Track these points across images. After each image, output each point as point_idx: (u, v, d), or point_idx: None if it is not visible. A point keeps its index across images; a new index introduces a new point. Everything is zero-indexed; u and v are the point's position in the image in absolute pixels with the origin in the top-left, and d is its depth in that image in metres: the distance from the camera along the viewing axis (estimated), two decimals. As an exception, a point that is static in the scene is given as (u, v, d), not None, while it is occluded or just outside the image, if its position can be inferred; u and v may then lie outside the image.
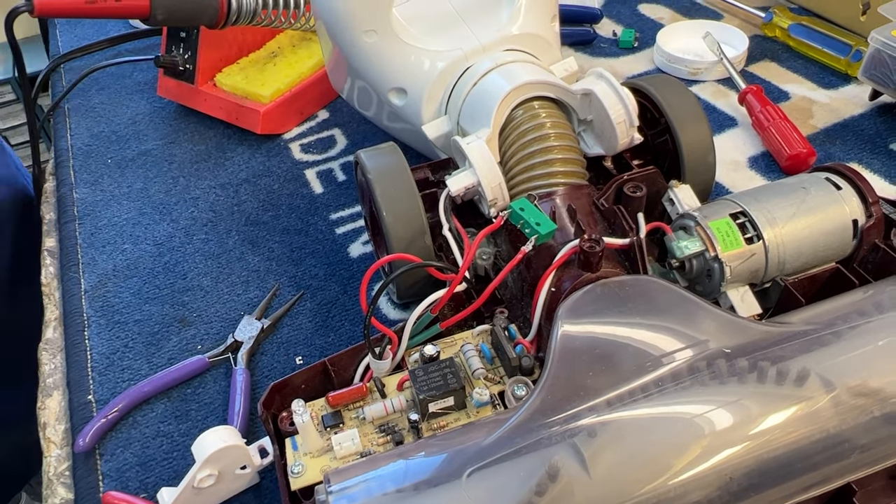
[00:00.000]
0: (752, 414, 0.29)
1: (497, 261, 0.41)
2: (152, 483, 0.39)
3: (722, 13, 0.72)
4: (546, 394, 0.30)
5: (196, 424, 0.41)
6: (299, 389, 0.37)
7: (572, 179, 0.40)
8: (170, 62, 0.62)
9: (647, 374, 0.30)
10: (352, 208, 0.55)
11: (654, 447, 0.28)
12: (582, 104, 0.43)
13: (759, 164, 0.55)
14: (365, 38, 0.46)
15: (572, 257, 0.36)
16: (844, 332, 0.32)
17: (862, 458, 0.29)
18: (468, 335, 0.38)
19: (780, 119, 0.54)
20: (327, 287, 0.49)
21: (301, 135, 0.63)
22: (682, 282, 0.38)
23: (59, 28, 0.84)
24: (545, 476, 0.27)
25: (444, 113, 0.47)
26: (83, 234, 0.55)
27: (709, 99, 0.61)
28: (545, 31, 0.48)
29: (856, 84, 0.60)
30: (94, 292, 0.50)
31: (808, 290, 0.37)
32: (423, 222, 0.40)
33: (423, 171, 0.44)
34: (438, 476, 0.28)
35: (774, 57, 0.65)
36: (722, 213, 0.37)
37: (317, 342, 0.45)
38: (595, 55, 0.69)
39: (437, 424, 0.34)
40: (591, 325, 0.32)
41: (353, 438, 0.33)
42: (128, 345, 0.46)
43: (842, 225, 0.37)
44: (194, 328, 0.47)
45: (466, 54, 0.46)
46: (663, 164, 0.44)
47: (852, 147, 0.55)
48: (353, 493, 0.28)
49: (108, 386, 0.44)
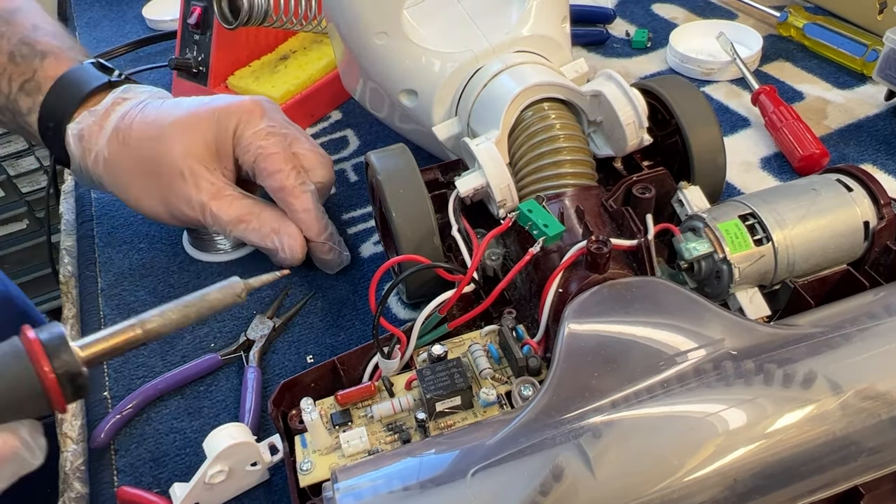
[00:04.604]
0: (758, 416, 0.29)
1: (506, 261, 0.41)
2: (165, 478, 0.39)
3: (736, 13, 0.72)
4: (552, 394, 0.30)
5: (208, 421, 0.42)
6: (309, 388, 0.37)
7: (581, 181, 0.40)
8: (183, 64, 0.63)
9: (653, 375, 0.30)
10: (363, 208, 0.55)
11: (659, 448, 0.28)
12: (591, 105, 0.43)
13: (771, 165, 0.54)
14: (376, 39, 0.46)
15: (580, 258, 0.36)
16: (853, 334, 0.31)
17: (869, 461, 0.29)
18: (476, 335, 0.38)
19: (794, 120, 0.54)
20: (338, 287, 0.49)
21: (314, 136, 0.63)
22: (690, 283, 0.38)
23: (80, 30, 0.86)
24: (550, 476, 0.27)
25: (455, 114, 0.47)
26: (100, 233, 0.56)
27: (722, 99, 0.61)
28: (555, 32, 0.48)
29: (871, 84, 0.60)
30: (110, 291, 0.51)
31: (817, 292, 0.37)
32: (432, 223, 0.40)
33: (433, 172, 0.44)
34: (444, 475, 0.28)
35: (789, 57, 0.64)
36: (731, 214, 0.37)
37: (327, 341, 0.46)
38: (608, 55, 0.68)
39: (445, 423, 0.34)
40: (598, 325, 0.32)
41: (361, 436, 0.33)
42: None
43: (852, 227, 0.37)
44: (207, 327, 0.47)
45: (477, 56, 0.46)
46: (673, 166, 0.44)
47: (867, 148, 0.54)
48: (359, 490, 0.28)
49: (123, 383, 0.45)
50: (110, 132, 0.46)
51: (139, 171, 0.46)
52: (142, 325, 0.31)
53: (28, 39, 0.49)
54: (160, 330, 0.32)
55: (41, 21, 0.52)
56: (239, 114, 0.46)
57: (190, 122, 0.46)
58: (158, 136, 0.45)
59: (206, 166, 0.45)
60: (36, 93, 0.49)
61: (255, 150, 0.45)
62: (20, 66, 0.49)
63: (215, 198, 0.45)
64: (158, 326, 0.32)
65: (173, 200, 0.46)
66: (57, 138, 0.48)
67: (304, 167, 0.47)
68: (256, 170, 0.46)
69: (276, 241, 0.46)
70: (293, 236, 0.46)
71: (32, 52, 0.49)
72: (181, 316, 0.32)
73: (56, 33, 0.51)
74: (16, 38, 0.49)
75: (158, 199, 0.47)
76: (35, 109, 0.49)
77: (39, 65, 0.49)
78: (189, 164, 0.45)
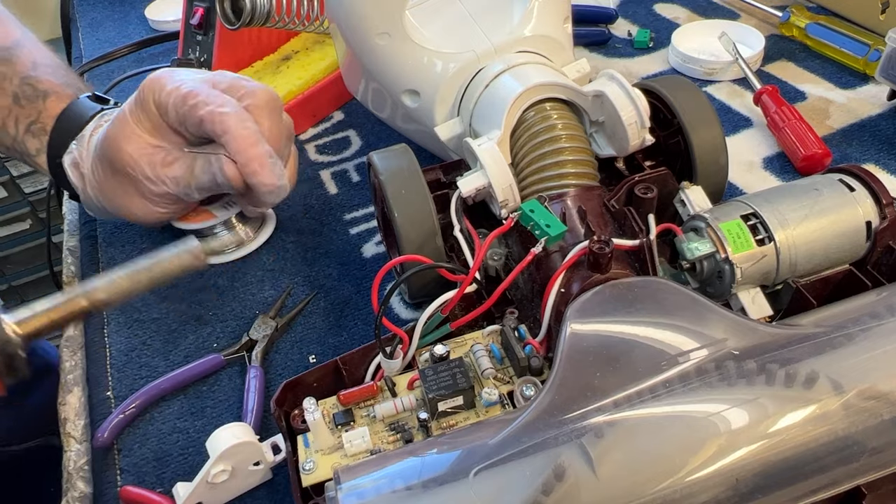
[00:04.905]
0: (760, 416, 0.29)
1: (508, 262, 0.41)
2: (168, 478, 0.39)
3: (739, 12, 0.72)
4: (554, 394, 0.30)
5: (211, 421, 0.42)
6: (311, 387, 0.37)
7: (583, 181, 0.40)
8: (186, 64, 0.63)
9: (655, 375, 0.30)
10: (366, 209, 0.55)
11: (661, 448, 0.28)
12: (593, 105, 0.43)
13: (773, 164, 0.54)
14: (378, 40, 0.47)
15: (582, 258, 0.36)
16: (856, 334, 0.31)
17: (871, 461, 0.29)
18: (478, 335, 0.38)
19: (796, 119, 0.54)
20: (341, 287, 0.49)
21: (316, 136, 0.64)
22: (692, 283, 0.38)
23: (83, 31, 0.86)
24: (552, 475, 0.27)
25: (457, 114, 0.47)
26: (103, 233, 0.56)
27: (724, 99, 0.61)
28: (557, 32, 0.48)
29: (874, 84, 0.60)
30: (113, 291, 0.51)
31: (820, 292, 0.37)
32: (434, 224, 0.40)
33: (435, 172, 0.44)
34: (446, 474, 0.28)
35: (791, 56, 0.64)
36: (733, 214, 0.37)
37: (330, 341, 0.46)
38: (610, 55, 0.68)
39: (447, 423, 0.34)
40: (600, 325, 0.32)
41: (363, 436, 0.33)
42: (146, 342, 0.47)
43: (855, 227, 0.37)
44: (210, 326, 0.48)
45: (479, 56, 0.46)
46: (675, 166, 0.44)
47: (869, 148, 0.54)
48: (362, 490, 0.28)
49: (127, 382, 0.45)
50: (91, 155, 0.48)
51: (113, 180, 0.47)
52: (87, 295, 0.29)
53: (30, 79, 0.51)
54: (109, 299, 0.29)
55: (39, 56, 0.53)
56: (151, 85, 0.45)
57: (124, 115, 0.46)
58: (109, 139, 0.46)
59: (148, 144, 0.46)
60: (42, 134, 0.50)
61: (171, 103, 0.44)
62: (25, 108, 0.50)
63: (163, 164, 0.46)
64: (107, 296, 0.29)
65: (140, 188, 0.47)
66: (63, 174, 0.50)
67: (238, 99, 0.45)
68: (180, 118, 0.45)
69: (213, 173, 0.44)
70: (223, 160, 0.44)
71: (35, 92, 0.51)
72: (132, 283, 0.30)
73: (54, 68, 0.53)
74: (17, 79, 0.51)
75: (136, 195, 0.47)
76: (43, 150, 0.51)
77: (43, 105, 0.50)
78: (132, 150, 0.46)
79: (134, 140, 0.46)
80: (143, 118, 0.46)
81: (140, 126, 0.46)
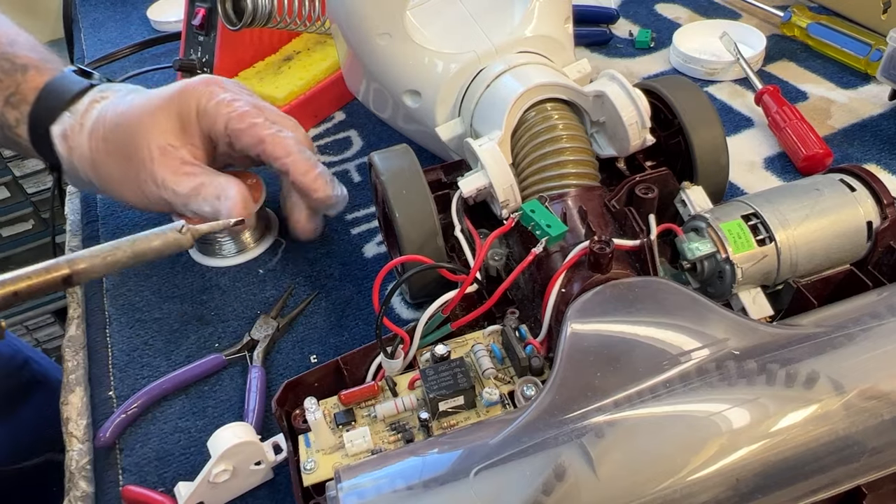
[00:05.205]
0: (761, 416, 0.29)
1: (509, 262, 0.41)
2: (170, 477, 0.40)
3: (740, 12, 0.72)
4: (554, 394, 0.30)
5: (213, 421, 0.42)
6: (312, 387, 0.37)
7: (584, 181, 0.40)
8: (188, 65, 0.63)
9: (656, 375, 0.30)
10: (367, 209, 0.55)
11: (661, 448, 0.28)
12: (594, 106, 0.43)
13: (774, 165, 0.54)
14: (379, 40, 0.47)
15: (582, 259, 0.36)
16: (856, 334, 0.31)
17: (872, 461, 0.29)
18: (479, 335, 0.38)
19: (797, 119, 0.54)
20: (342, 287, 0.49)
21: (317, 136, 0.64)
22: (693, 283, 0.39)
23: (85, 32, 0.86)
24: (552, 475, 0.27)
25: (458, 115, 0.47)
26: (105, 233, 0.57)
27: (725, 99, 0.61)
28: (558, 32, 0.48)
29: (875, 84, 0.60)
30: (115, 290, 0.51)
31: (820, 292, 0.37)
32: (435, 224, 0.40)
33: (436, 172, 0.44)
34: (447, 474, 0.28)
35: (793, 56, 0.64)
36: (734, 214, 0.37)
37: (331, 341, 0.46)
38: (611, 56, 0.68)
39: (448, 423, 0.34)
40: (601, 325, 0.32)
41: (364, 436, 0.33)
42: (147, 342, 0.47)
43: (855, 227, 0.37)
44: (212, 326, 0.48)
45: (479, 56, 0.46)
46: (676, 166, 0.44)
47: (871, 147, 0.54)
48: (363, 489, 0.28)
49: (129, 382, 0.45)
50: (90, 129, 0.48)
51: (115, 162, 0.47)
52: (69, 263, 0.30)
53: (7, 55, 0.51)
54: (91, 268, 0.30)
55: (16, 35, 0.53)
56: (199, 90, 0.46)
57: (152, 106, 0.47)
58: (126, 123, 0.46)
59: (170, 144, 0.46)
60: (22, 104, 0.50)
61: (224, 116, 0.45)
62: (3, 81, 0.50)
63: (175, 173, 0.46)
64: (89, 265, 0.30)
65: (143, 182, 0.47)
66: (46, 144, 0.50)
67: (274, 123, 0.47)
68: (231, 133, 0.46)
69: (216, 206, 0.46)
70: (232, 198, 0.45)
71: (13, 66, 0.50)
72: (114, 255, 0.31)
73: (33, 46, 0.53)
74: None
75: (135, 185, 0.47)
76: (23, 120, 0.50)
77: (22, 78, 0.50)
78: (152, 144, 0.46)
79: (157, 134, 0.46)
80: (174, 116, 0.46)
81: (168, 121, 0.46)
